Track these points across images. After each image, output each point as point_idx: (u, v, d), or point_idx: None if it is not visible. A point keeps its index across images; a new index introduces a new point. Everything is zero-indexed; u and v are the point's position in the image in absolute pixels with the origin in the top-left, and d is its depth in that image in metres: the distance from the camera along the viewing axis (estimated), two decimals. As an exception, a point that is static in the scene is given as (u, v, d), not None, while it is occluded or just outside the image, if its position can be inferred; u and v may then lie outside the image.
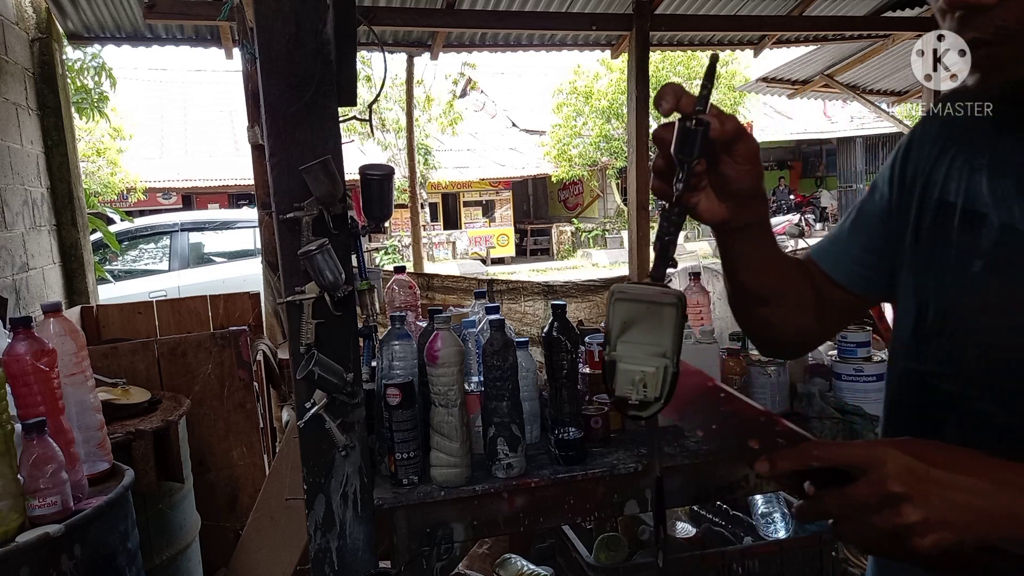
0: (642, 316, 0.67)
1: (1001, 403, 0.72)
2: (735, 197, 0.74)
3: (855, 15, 5.43)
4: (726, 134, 0.69)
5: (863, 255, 0.89)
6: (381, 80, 2.30)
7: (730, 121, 0.69)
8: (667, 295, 0.66)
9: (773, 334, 0.93)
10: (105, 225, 5.48)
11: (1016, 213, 0.70)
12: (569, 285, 4.57)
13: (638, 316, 0.68)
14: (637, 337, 0.67)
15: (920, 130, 0.84)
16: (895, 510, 0.60)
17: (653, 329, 0.67)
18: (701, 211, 0.74)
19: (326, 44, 1.39)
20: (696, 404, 0.71)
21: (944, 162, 0.79)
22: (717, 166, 0.71)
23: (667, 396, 0.68)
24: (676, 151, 0.67)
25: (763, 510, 2.14)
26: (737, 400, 0.72)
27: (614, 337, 0.68)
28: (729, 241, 0.81)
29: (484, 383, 1.57)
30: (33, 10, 3.81)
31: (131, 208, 13.55)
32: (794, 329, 0.92)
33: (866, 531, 0.61)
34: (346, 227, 1.45)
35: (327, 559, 1.51)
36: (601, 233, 19.26)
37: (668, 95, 0.68)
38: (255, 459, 2.86)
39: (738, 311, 0.92)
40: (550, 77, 18.86)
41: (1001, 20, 0.62)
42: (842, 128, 18.85)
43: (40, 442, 1.43)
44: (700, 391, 0.72)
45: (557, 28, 5.07)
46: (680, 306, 0.66)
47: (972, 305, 0.74)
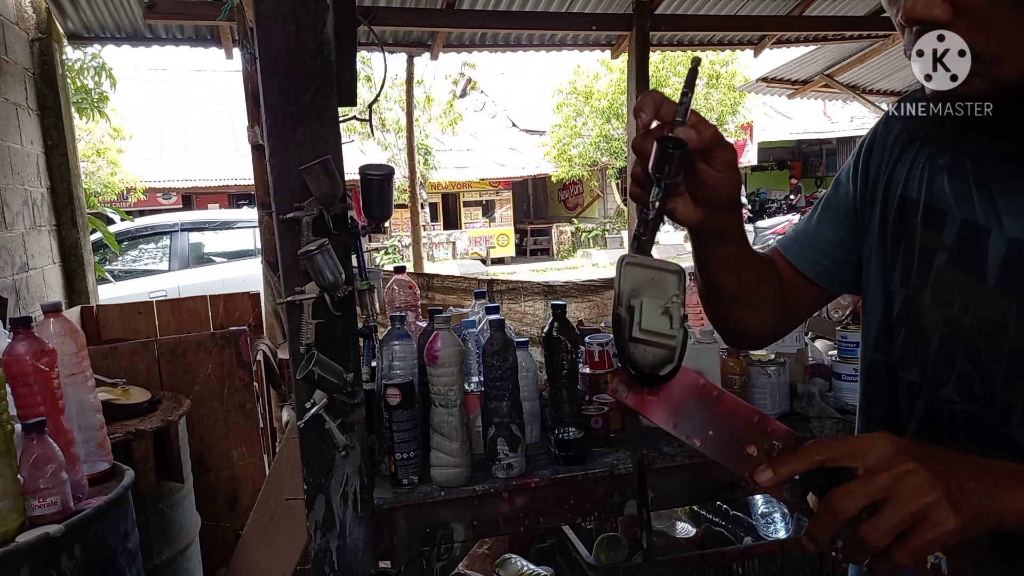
0: (647, 283, 0.71)
1: (963, 392, 0.74)
2: (711, 203, 0.75)
3: (855, 15, 5.44)
4: (704, 143, 0.70)
5: (829, 248, 0.92)
6: (381, 80, 2.31)
7: (708, 129, 0.70)
8: (670, 264, 0.72)
9: (743, 329, 0.96)
10: (105, 225, 5.48)
11: (977, 209, 0.73)
12: (569, 285, 4.57)
13: (644, 283, 0.71)
14: (645, 299, 0.71)
15: (882, 129, 0.87)
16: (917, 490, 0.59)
17: (658, 295, 0.71)
18: (677, 214, 0.75)
19: (326, 44, 1.39)
20: (690, 407, 0.72)
21: (906, 161, 0.82)
22: (695, 172, 0.72)
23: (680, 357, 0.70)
24: (653, 170, 0.68)
25: (763, 510, 2.14)
26: (729, 398, 0.72)
27: (625, 296, 0.71)
28: (703, 243, 0.83)
29: (484, 383, 1.57)
30: (33, 10, 3.81)
31: (131, 208, 13.53)
32: (763, 323, 0.95)
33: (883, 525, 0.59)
34: (346, 227, 1.45)
35: (327, 559, 1.51)
36: (601, 233, 19.26)
37: (647, 106, 0.70)
38: (255, 459, 2.86)
39: (710, 308, 0.95)
40: (550, 77, 18.85)
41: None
42: (842, 128, 18.84)
43: (40, 442, 1.43)
44: (693, 391, 0.73)
45: (557, 28, 5.07)
46: (682, 276, 0.71)
47: (935, 298, 0.77)
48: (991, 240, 0.72)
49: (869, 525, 0.59)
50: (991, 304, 0.72)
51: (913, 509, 0.58)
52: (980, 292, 0.72)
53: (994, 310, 0.71)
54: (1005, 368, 0.71)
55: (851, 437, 0.66)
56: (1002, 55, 0.63)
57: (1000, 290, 0.71)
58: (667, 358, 0.70)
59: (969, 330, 0.73)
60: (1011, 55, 0.63)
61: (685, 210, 0.75)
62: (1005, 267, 0.71)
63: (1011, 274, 0.70)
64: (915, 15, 0.64)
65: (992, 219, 0.72)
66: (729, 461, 0.69)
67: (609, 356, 1.86)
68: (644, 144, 0.70)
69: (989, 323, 0.72)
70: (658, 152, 0.67)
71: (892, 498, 0.59)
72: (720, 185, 0.73)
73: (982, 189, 0.73)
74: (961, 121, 0.67)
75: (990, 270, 0.72)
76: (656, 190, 0.69)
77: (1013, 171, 0.70)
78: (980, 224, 0.73)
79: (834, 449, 0.63)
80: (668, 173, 0.68)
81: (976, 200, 0.73)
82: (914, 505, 0.58)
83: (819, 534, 0.62)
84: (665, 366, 0.70)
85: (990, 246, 0.72)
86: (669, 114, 0.69)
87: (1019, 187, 0.70)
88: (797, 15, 5.28)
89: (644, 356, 0.70)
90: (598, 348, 1.85)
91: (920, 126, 0.78)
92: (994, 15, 0.63)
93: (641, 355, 0.70)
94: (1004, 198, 0.71)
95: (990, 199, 0.72)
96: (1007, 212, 0.71)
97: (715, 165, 0.72)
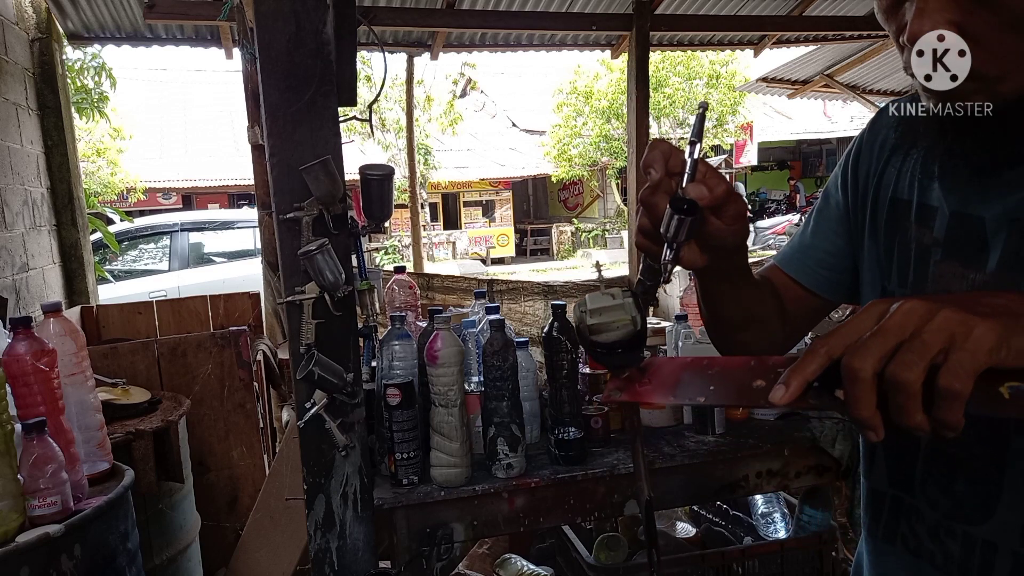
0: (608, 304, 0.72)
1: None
2: (718, 251, 0.75)
3: (855, 15, 5.43)
4: (716, 200, 0.70)
5: (826, 258, 0.93)
6: (381, 80, 2.31)
7: (720, 186, 0.70)
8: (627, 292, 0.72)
9: (748, 352, 0.96)
10: (105, 225, 5.48)
11: (967, 201, 0.74)
12: (569, 285, 4.58)
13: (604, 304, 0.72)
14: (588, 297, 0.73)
15: (867, 136, 0.88)
16: (930, 311, 0.52)
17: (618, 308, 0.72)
18: (683, 260, 0.75)
19: (326, 44, 1.39)
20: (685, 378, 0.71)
21: (895, 163, 0.83)
22: (703, 224, 0.72)
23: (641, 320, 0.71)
24: (665, 231, 0.68)
25: (763, 510, 2.14)
26: (720, 360, 0.71)
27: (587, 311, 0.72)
28: (707, 283, 0.85)
29: (484, 383, 1.57)
30: (33, 10, 3.81)
31: (131, 208, 13.54)
32: (768, 345, 0.96)
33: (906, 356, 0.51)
34: (346, 227, 1.45)
35: (327, 559, 1.51)
36: (601, 233, 19.26)
37: (656, 161, 0.70)
38: (255, 459, 2.86)
39: (716, 337, 0.95)
40: (550, 77, 18.85)
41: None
42: (842, 128, 18.83)
43: (40, 442, 1.43)
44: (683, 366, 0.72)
45: (557, 28, 5.07)
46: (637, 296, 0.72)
47: (937, 291, 0.77)
48: (987, 226, 0.72)
49: (894, 363, 0.51)
50: (995, 288, 0.71)
51: (935, 326, 0.51)
52: (981, 280, 0.73)
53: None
54: None
55: (839, 327, 0.57)
56: (1004, 75, 0.65)
57: (1002, 271, 0.71)
58: (630, 327, 0.71)
59: None
60: (1013, 75, 0.65)
61: (691, 256, 0.75)
62: (1006, 248, 0.71)
63: (1013, 254, 0.71)
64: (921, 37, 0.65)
65: (985, 207, 0.73)
66: (740, 399, 0.66)
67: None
68: (653, 199, 0.70)
69: None
70: (670, 217, 0.67)
71: (908, 326, 0.52)
72: (727, 235, 0.73)
73: (972, 182, 0.74)
74: (952, 122, 0.68)
75: (990, 255, 0.72)
76: (668, 251, 0.69)
77: (1000, 164, 0.71)
78: (974, 214, 0.74)
79: (836, 335, 0.56)
80: (680, 238, 0.68)
81: (968, 193, 0.74)
82: (934, 323, 0.51)
83: (862, 411, 0.53)
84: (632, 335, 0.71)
85: (987, 232, 0.72)
86: (678, 166, 0.69)
87: (1006, 176, 0.71)
88: (797, 15, 5.27)
89: (609, 337, 0.71)
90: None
91: (909, 129, 0.78)
92: (1000, 38, 0.64)
93: (607, 338, 0.71)
94: (996, 187, 0.72)
95: (979, 190, 0.73)
96: (1000, 198, 0.72)
97: (725, 219, 0.72)
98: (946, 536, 0.77)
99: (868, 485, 0.90)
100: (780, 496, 2.11)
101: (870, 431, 0.54)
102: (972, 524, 0.75)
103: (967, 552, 0.75)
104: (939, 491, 0.78)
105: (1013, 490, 0.71)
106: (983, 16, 0.64)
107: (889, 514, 0.86)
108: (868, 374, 0.52)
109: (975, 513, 0.74)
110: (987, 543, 0.74)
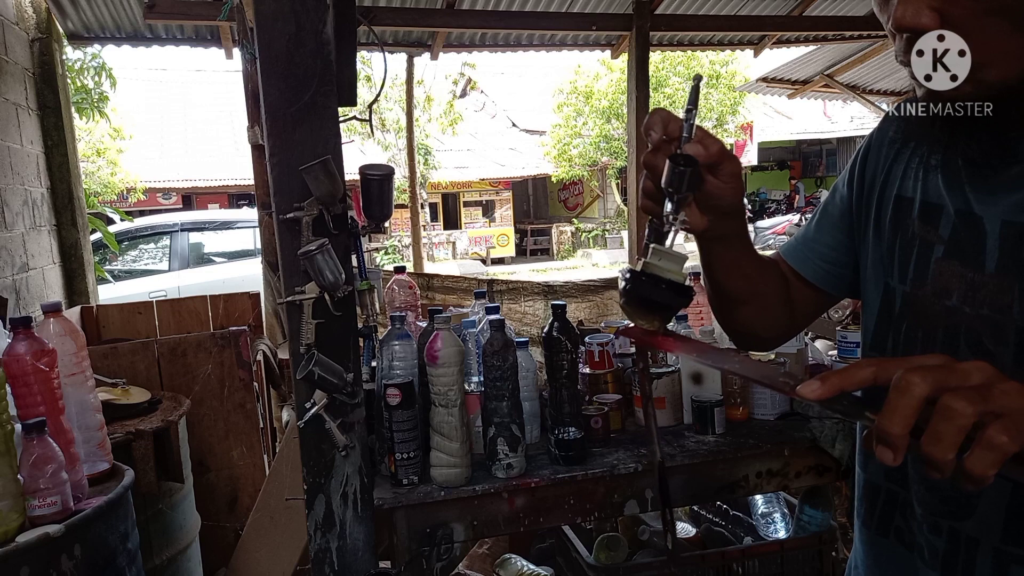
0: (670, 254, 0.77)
1: None
2: (716, 210, 0.81)
3: (855, 15, 5.43)
4: (712, 158, 0.75)
5: (828, 252, 0.95)
6: (381, 80, 2.31)
7: (715, 144, 0.75)
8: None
9: (751, 331, 1.00)
10: (105, 225, 5.49)
11: (970, 200, 0.75)
12: (569, 285, 4.57)
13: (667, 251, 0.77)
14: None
15: (877, 134, 0.90)
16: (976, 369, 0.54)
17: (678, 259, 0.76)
18: (687, 223, 0.79)
19: (326, 44, 1.39)
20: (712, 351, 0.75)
21: (901, 161, 0.85)
22: (701, 183, 0.77)
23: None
24: (666, 185, 0.74)
25: (763, 510, 2.14)
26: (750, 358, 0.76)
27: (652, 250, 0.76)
28: (709, 247, 0.88)
29: (484, 383, 1.57)
30: (33, 10, 3.81)
31: (131, 208, 13.54)
32: (770, 326, 0.99)
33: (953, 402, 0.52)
34: (346, 227, 1.45)
35: (327, 559, 1.51)
36: (601, 233, 19.25)
37: (656, 124, 0.75)
38: (255, 459, 2.86)
39: (719, 311, 0.99)
40: (550, 77, 18.85)
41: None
42: (842, 128, 18.85)
43: (40, 442, 1.43)
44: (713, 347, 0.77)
45: (557, 28, 5.07)
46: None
47: (935, 291, 0.78)
48: (987, 227, 0.73)
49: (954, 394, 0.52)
50: (992, 289, 0.72)
51: (1004, 387, 0.53)
52: (979, 279, 0.74)
53: (996, 295, 0.72)
54: (1014, 350, 0.71)
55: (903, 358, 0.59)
56: (987, 61, 0.65)
57: (1000, 274, 0.72)
58: (679, 278, 0.74)
59: (969, 320, 0.74)
60: (996, 61, 0.66)
61: (693, 218, 0.80)
62: (1003, 250, 0.72)
63: (1010, 257, 0.71)
64: (904, 23, 0.67)
65: (985, 207, 0.74)
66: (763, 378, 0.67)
67: (609, 356, 1.86)
68: (654, 160, 0.76)
69: (991, 308, 0.72)
70: (670, 170, 0.73)
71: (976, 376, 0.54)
72: (725, 194, 0.79)
73: (974, 181, 0.75)
74: (953, 121, 0.69)
75: (988, 255, 0.73)
76: (670, 204, 0.74)
77: (1002, 162, 0.72)
78: (974, 213, 0.74)
79: (893, 363, 0.56)
80: (681, 189, 0.73)
81: (968, 192, 0.75)
82: (1005, 384, 0.53)
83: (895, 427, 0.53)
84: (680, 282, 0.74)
85: (987, 233, 0.73)
86: (676, 131, 0.74)
87: (1008, 174, 0.72)
88: (797, 15, 5.27)
89: (663, 272, 0.74)
90: (598, 348, 1.85)
91: (914, 128, 0.80)
92: (982, 24, 0.65)
93: (659, 271, 0.75)
94: (995, 186, 0.73)
95: (981, 189, 0.74)
96: (999, 198, 0.72)
97: (721, 177, 0.77)
98: (933, 531, 0.79)
99: (864, 477, 0.92)
100: (780, 496, 2.11)
101: (889, 450, 0.54)
102: (957, 520, 0.77)
103: (952, 547, 0.77)
104: (927, 487, 0.80)
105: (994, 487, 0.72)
106: (965, 2, 0.65)
107: (884, 507, 0.88)
108: (922, 391, 0.53)
109: (960, 509, 0.76)
110: (970, 539, 0.75)
